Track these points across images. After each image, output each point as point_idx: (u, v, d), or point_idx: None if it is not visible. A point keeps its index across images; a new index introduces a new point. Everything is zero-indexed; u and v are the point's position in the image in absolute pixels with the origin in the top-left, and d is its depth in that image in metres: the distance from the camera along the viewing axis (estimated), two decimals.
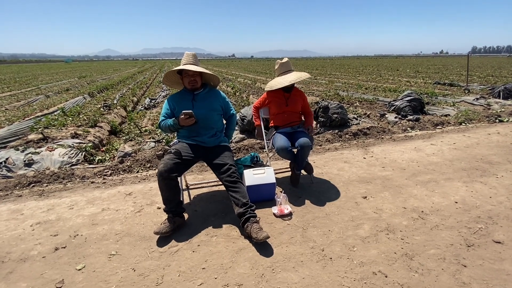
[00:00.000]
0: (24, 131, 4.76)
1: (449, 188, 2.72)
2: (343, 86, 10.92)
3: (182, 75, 2.39)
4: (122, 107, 7.27)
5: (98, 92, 10.30)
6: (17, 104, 8.02)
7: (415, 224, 2.15)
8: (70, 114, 5.77)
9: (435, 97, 7.68)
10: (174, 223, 2.10)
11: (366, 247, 1.90)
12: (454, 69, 20.03)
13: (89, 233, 2.14)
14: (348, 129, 4.68)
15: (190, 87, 2.37)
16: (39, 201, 2.68)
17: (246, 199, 2.10)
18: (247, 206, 2.06)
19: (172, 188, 2.12)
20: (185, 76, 2.36)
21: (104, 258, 1.85)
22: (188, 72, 2.32)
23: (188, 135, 2.36)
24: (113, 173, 3.40)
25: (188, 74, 2.33)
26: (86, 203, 2.61)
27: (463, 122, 5.33)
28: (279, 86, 2.71)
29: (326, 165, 3.39)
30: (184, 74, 2.36)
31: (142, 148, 3.97)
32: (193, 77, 2.34)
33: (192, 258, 1.84)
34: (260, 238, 1.86)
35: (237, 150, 4.03)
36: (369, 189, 2.73)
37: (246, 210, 2.04)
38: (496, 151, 3.70)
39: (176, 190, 2.15)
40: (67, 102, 7.72)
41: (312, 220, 2.24)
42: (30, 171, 3.36)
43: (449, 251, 1.84)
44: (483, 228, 2.08)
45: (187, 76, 2.34)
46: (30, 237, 2.12)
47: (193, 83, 2.35)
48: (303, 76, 2.77)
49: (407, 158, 3.52)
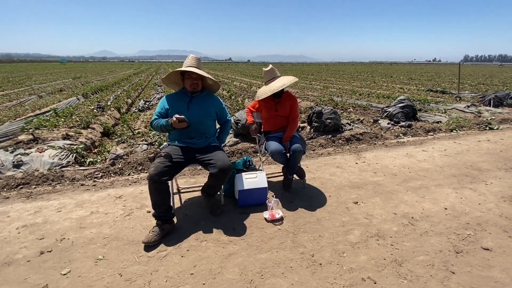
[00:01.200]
0: (14, 132, 4.68)
1: (439, 194, 2.75)
2: (338, 91, 11.02)
3: (185, 77, 2.38)
4: (116, 109, 7.21)
5: (92, 93, 10.21)
6: (9, 104, 7.90)
7: (405, 230, 2.16)
8: (62, 115, 5.70)
9: (428, 104, 7.79)
10: (163, 230, 2.07)
11: (356, 253, 1.90)
12: (446, 77, 20.40)
13: (76, 237, 2.10)
14: (341, 135, 4.71)
15: (191, 90, 2.36)
16: (27, 204, 2.63)
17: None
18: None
19: (162, 193, 2.09)
20: (187, 78, 2.35)
21: (90, 263, 1.82)
22: (192, 74, 2.32)
23: (179, 137, 2.35)
24: (104, 176, 3.35)
25: (191, 76, 2.33)
26: (74, 206, 2.57)
27: (454, 129, 5.41)
28: (264, 96, 2.70)
29: (319, 170, 3.40)
30: (187, 76, 2.35)
31: (134, 150, 3.93)
32: (196, 80, 2.35)
33: (180, 263, 1.81)
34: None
35: (231, 154, 4.01)
36: (360, 195, 2.74)
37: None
38: (486, 158, 3.75)
39: (166, 194, 2.12)
40: (60, 103, 7.63)
41: (303, 225, 2.24)
42: (18, 173, 3.30)
43: (438, 257, 1.85)
44: (472, 234, 2.10)
45: (190, 78, 2.34)
46: (16, 240, 2.07)
47: (194, 85, 2.35)
48: (288, 82, 2.71)
49: (398, 164, 3.56)
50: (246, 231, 2.16)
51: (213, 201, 2.41)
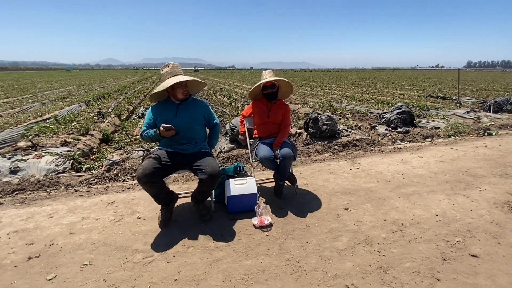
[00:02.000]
0: (15, 138, 4.77)
1: (431, 200, 2.73)
2: (338, 98, 11.05)
3: (175, 87, 2.35)
4: (116, 116, 7.31)
5: (95, 100, 10.37)
6: (12, 111, 8.05)
7: (393, 237, 2.15)
8: (62, 122, 5.79)
9: (427, 110, 7.78)
10: (170, 209, 2.39)
11: (342, 260, 1.89)
12: (448, 83, 20.36)
13: (65, 242, 2.12)
14: (337, 141, 4.72)
15: (183, 97, 2.39)
16: (20, 209, 2.66)
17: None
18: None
19: (156, 188, 2.18)
20: (178, 87, 2.33)
21: (76, 268, 1.83)
22: (182, 82, 2.32)
23: (169, 144, 2.38)
24: (99, 182, 3.39)
25: (181, 84, 2.34)
26: (66, 211, 2.60)
27: (452, 135, 5.39)
28: (257, 84, 2.85)
29: (312, 176, 3.40)
30: (178, 85, 2.33)
31: (130, 156, 3.97)
32: (186, 87, 2.39)
33: (165, 269, 1.82)
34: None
35: (226, 160, 4.04)
36: (351, 201, 2.74)
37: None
38: (481, 164, 3.73)
39: (161, 184, 2.21)
40: (62, 110, 7.76)
41: (292, 232, 2.23)
42: (15, 179, 3.35)
43: (424, 264, 1.83)
44: (461, 241, 2.08)
45: (181, 87, 2.34)
46: (5, 246, 2.09)
47: (186, 93, 2.39)
48: (281, 78, 2.86)
49: (393, 170, 3.54)
50: (233, 237, 2.16)
51: (203, 207, 2.43)
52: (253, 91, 2.94)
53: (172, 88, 2.35)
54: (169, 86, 2.27)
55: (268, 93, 2.83)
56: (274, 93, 2.84)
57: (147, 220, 2.42)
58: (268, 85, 2.80)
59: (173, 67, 2.41)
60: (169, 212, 2.38)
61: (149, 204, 2.66)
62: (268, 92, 2.82)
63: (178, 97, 2.39)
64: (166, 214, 2.35)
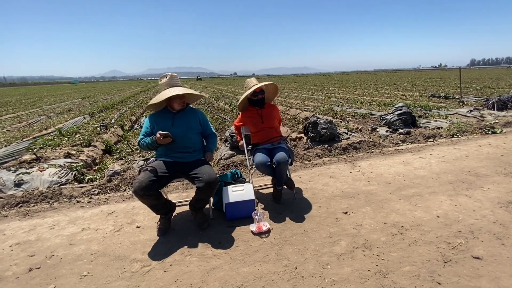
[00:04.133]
0: (20, 152, 4.86)
1: (433, 202, 2.69)
2: (339, 101, 11.04)
3: (172, 98, 2.38)
4: (119, 126, 7.42)
5: (99, 112, 10.54)
6: (18, 125, 8.23)
7: (393, 240, 2.11)
8: (66, 134, 5.89)
9: (429, 110, 7.71)
10: (168, 218, 2.41)
11: (340, 265, 1.87)
12: (451, 82, 20.18)
13: (65, 254, 2.14)
14: (338, 144, 4.70)
15: (180, 108, 2.43)
16: (23, 221, 2.70)
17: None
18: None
19: (153, 199, 2.20)
20: (175, 98, 2.38)
21: (75, 279, 1.84)
22: (179, 94, 2.36)
23: (166, 153, 2.40)
24: (100, 192, 3.42)
25: (178, 96, 2.37)
26: (67, 223, 2.63)
27: (455, 135, 5.32)
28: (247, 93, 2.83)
29: (312, 180, 3.39)
30: (175, 97, 2.37)
31: (131, 166, 4.01)
32: (183, 98, 2.44)
33: (162, 278, 1.82)
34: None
35: (226, 167, 4.05)
36: (351, 204, 2.71)
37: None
38: (485, 163, 3.66)
39: (158, 196, 2.23)
40: (67, 123, 7.90)
41: (290, 237, 2.22)
42: (19, 191, 3.41)
43: (424, 267, 1.80)
44: (463, 243, 2.04)
45: (177, 98, 2.39)
46: (8, 258, 2.12)
47: (182, 104, 2.44)
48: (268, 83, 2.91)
49: (393, 172, 3.51)
50: (231, 244, 2.16)
51: (201, 215, 2.43)
52: (243, 101, 2.92)
53: (169, 99, 2.39)
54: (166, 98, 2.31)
55: (258, 99, 2.84)
56: (262, 98, 2.89)
57: (146, 229, 2.43)
58: (258, 91, 2.83)
59: (171, 78, 2.45)
60: (167, 221, 2.39)
61: (148, 213, 2.67)
62: (258, 98, 2.84)
63: (175, 108, 2.43)
64: (164, 223, 2.36)
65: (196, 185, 2.24)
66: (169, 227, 2.39)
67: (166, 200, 2.39)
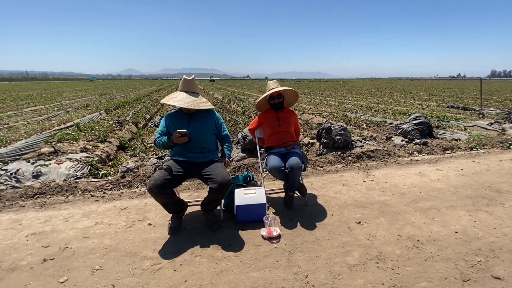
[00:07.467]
0: (39, 144, 5.03)
1: (451, 216, 2.59)
2: (352, 107, 10.89)
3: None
4: (133, 124, 7.57)
5: (114, 109, 10.80)
6: (38, 119, 8.53)
7: (408, 254, 2.04)
8: (83, 129, 6.06)
9: (447, 121, 7.49)
10: (179, 218, 2.41)
11: (353, 276, 1.82)
12: (470, 93, 19.58)
13: (79, 246, 2.18)
14: (351, 151, 4.62)
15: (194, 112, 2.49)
16: (39, 212, 2.78)
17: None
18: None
19: (166, 198, 2.22)
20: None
21: (87, 272, 1.87)
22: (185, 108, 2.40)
23: (181, 152, 2.42)
24: (113, 188, 3.49)
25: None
26: (82, 216, 2.68)
27: (475, 147, 5.13)
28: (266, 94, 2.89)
29: (324, 187, 3.34)
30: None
31: (145, 164, 4.07)
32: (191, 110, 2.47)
33: (172, 277, 1.82)
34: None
35: (237, 169, 4.05)
36: (364, 214, 2.65)
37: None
38: (506, 179, 3.51)
39: (171, 196, 2.25)
40: (84, 118, 8.13)
41: (301, 244, 2.18)
42: (36, 183, 3.51)
43: (441, 285, 1.73)
44: (483, 261, 1.95)
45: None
46: (23, 247, 2.18)
47: (193, 110, 2.47)
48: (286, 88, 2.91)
49: (409, 183, 3.41)
50: (241, 247, 2.14)
51: (212, 216, 2.43)
52: (260, 102, 2.99)
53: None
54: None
55: (274, 103, 2.90)
56: (280, 102, 2.92)
57: (157, 227, 2.45)
58: (275, 95, 2.85)
59: (190, 83, 2.48)
60: (179, 220, 2.40)
61: (160, 211, 2.69)
62: (275, 102, 2.89)
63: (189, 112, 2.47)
64: (176, 221, 2.37)
65: (209, 186, 2.24)
66: (180, 226, 2.40)
67: (179, 199, 2.40)
